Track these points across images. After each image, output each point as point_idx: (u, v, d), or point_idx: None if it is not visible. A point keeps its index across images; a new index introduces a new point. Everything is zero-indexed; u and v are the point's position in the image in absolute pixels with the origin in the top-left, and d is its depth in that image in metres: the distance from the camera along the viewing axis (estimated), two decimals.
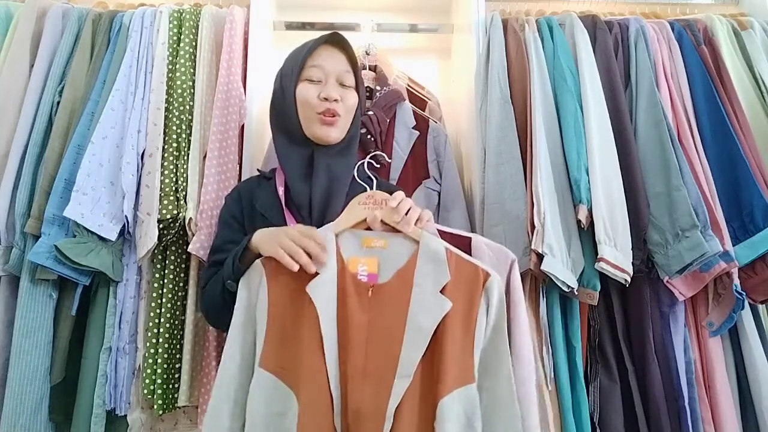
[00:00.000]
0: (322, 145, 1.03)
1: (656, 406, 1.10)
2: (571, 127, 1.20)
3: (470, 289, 0.81)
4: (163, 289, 1.17)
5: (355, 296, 0.82)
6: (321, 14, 1.65)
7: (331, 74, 1.02)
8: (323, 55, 1.03)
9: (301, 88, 1.02)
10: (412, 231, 0.86)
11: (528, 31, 1.34)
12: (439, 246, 0.84)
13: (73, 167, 1.15)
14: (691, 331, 1.18)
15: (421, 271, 0.82)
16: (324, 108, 0.99)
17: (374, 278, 0.85)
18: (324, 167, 1.01)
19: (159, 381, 1.11)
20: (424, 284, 0.81)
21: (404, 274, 0.83)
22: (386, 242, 0.87)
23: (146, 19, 1.32)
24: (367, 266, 0.85)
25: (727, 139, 1.21)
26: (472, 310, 0.81)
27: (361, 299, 0.82)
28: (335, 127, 1.01)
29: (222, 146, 1.23)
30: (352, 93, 1.04)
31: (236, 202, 1.05)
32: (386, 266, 0.86)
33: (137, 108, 1.22)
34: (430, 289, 0.81)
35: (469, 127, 1.42)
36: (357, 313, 0.80)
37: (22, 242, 1.14)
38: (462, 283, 0.82)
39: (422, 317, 0.79)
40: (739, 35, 1.40)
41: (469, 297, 0.81)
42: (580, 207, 1.13)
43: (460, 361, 0.78)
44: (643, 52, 1.30)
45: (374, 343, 0.79)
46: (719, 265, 1.11)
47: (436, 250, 0.84)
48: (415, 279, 0.82)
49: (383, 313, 0.81)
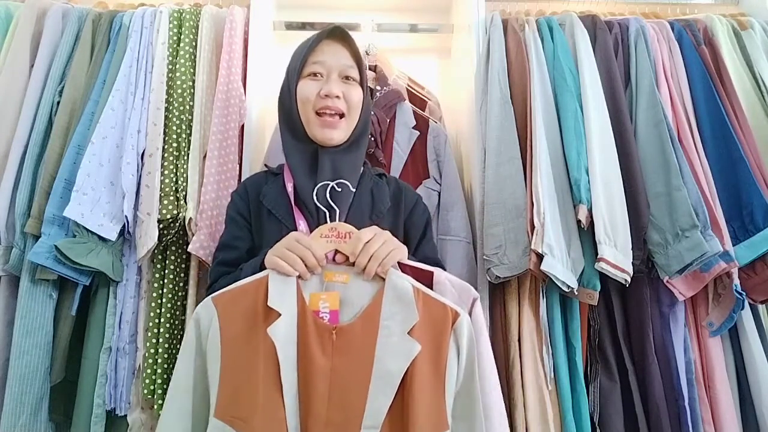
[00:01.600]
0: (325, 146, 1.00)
1: (656, 406, 1.10)
2: (571, 127, 1.20)
3: (439, 331, 0.76)
4: (163, 289, 1.17)
5: (316, 338, 0.75)
6: (321, 14, 1.66)
7: (333, 69, 0.99)
8: (325, 50, 1.00)
9: (302, 85, 0.99)
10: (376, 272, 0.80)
11: (528, 31, 1.34)
12: (406, 284, 0.79)
13: (73, 167, 1.15)
14: (691, 331, 1.18)
15: (388, 311, 0.77)
16: (323, 105, 0.97)
17: (336, 317, 0.78)
18: (329, 165, 0.98)
19: (159, 381, 1.11)
20: (391, 326, 0.75)
21: (369, 314, 0.77)
22: (348, 277, 0.81)
23: (146, 19, 1.32)
24: (328, 303, 0.79)
25: (727, 139, 1.21)
26: (441, 352, 0.75)
27: (324, 342, 0.75)
28: (337, 129, 0.98)
29: (222, 146, 1.23)
30: (356, 88, 1.01)
31: (242, 198, 1.03)
32: (348, 303, 0.80)
33: (137, 108, 1.22)
34: (398, 330, 0.75)
35: (469, 127, 1.42)
36: (319, 358, 0.74)
37: (22, 242, 1.14)
38: (430, 324, 0.76)
39: (389, 361, 0.73)
40: (739, 35, 1.40)
41: (437, 338, 0.76)
42: (580, 207, 1.13)
43: (431, 407, 0.73)
44: (643, 52, 1.30)
45: (338, 390, 0.73)
46: (719, 265, 1.11)
47: (402, 288, 0.78)
48: (382, 320, 0.76)
49: (347, 357, 0.75)
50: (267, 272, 0.80)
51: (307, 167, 0.99)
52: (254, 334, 0.75)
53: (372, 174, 1.07)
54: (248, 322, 0.76)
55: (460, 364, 0.77)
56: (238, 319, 0.76)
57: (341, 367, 0.74)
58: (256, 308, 0.76)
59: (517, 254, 1.14)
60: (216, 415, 0.72)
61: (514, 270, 1.13)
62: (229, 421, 0.72)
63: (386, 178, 1.08)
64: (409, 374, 0.73)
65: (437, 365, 0.75)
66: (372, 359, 0.74)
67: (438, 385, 0.75)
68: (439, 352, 0.76)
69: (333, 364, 0.74)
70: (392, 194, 1.03)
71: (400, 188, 1.07)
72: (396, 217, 1.02)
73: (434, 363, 0.75)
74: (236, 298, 0.78)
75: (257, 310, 0.76)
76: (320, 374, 0.73)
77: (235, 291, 0.79)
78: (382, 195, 1.02)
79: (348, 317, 0.79)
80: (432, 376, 0.75)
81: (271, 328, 0.74)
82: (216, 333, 0.76)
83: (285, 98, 1.03)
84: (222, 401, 0.73)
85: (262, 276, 0.80)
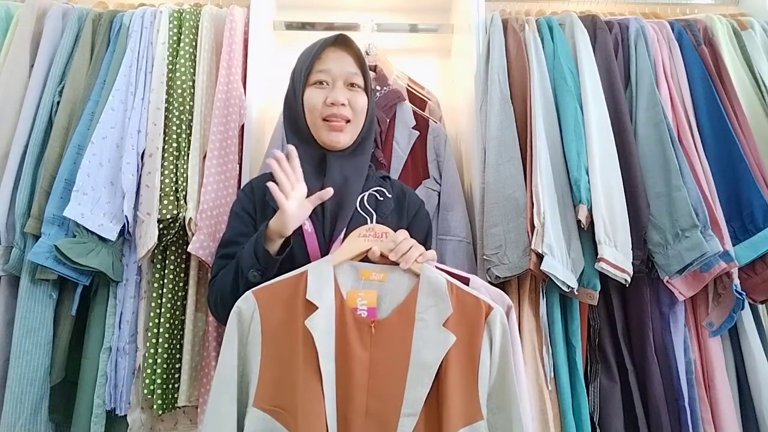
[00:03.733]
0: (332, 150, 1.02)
1: (656, 406, 1.10)
2: (571, 127, 1.20)
3: (472, 323, 0.79)
4: (163, 289, 1.17)
5: (355, 332, 0.79)
6: (321, 14, 1.66)
7: (338, 77, 1.01)
8: (330, 57, 1.02)
9: (308, 93, 1.01)
10: (412, 266, 0.84)
11: (528, 31, 1.34)
12: (440, 278, 0.82)
13: (73, 167, 1.15)
14: (691, 331, 1.18)
15: (423, 304, 0.80)
16: (330, 113, 0.99)
17: (374, 313, 0.82)
18: (337, 169, 1.00)
19: (159, 381, 1.11)
20: (426, 318, 0.79)
21: (405, 308, 0.81)
22: (385, 275, 0.85)
23: (146, 19, 1.32)
24: (366, 300, 0.82)
25: (727, 139, 1.21)
26: (474, 344, 0.78)
27: (362, 335, 0.79)
28: (344, 132, 1.00)
29: (222, 146, 1.23)
30: (361, 94, 1.03)
31: (248, 196, 1.05)
32: (385, 300, 0.83)
33: (137, 108, 1.22)
34: (433, 322, 0.78)
35: (469, 127, 1.42)
36: (358, 350, 0.78)
37: (22, 242, 1.14)
38: (464, 317, 0.79)
39: (426, 352, 0.77)
40: (739, 35, 1.40)
41: (471, 330, 0.79)
42: (580, 207, 1.13)
43: (465, 397, 0.76)
44: (643, 52, 1.30)
45: (377, 380, 0.76)
46: (719, 265, 1.11)
47: (437, 282, 0.81)
48: (417, 313, 0.80)
49: (385, 349, 0.78)
50: (306, 268, 0.84)
51: (313, 170, 1.00)
52: (294, 326, 0.78)
53: (376, 177, 1.09)
54: (288, 315, 0.79)
55: (493, 356, 0.79)
56: (278, 312, 0.80)
57: (380, 359, 0.78)
58: (296, 302, 0.80)
59: (517, 254, 1.14)
60: (255, 405, 0.76)
61: (514, 270, 1.13)
62: (269, 411, 0.75)
63: (390, 181, 1.10)
64: (444, 365, 0.76)
65: (471, 356, 0.78)
66: (409, 351, 0.77)
67: (472, 375, 0.77)
68: (473, 343, 0.78)
69: (371, 356, 0.78)
70: (396, 198, 1.05)
71: (404, 192, 1.09)
72: (399, 220, 1.04)
73: (468, 354, 0.78)
74: (276, 292, 0.82)
75: (297, 303, 0.79)
76: (359, 365, 0.77)
77: (274, 285, 0.83)
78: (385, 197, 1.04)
79: (385, 313, 0.82)
80: (466, 367, 0.77)
81: (309, 320, 0.77)
82: (257, 325, 0.79)
83: (291, 105, 1.05)
84: (262, 391, 0.76)
85: (301, 271, 0.84)
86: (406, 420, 0.74)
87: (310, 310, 0.78)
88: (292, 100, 1.04)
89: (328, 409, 0.74)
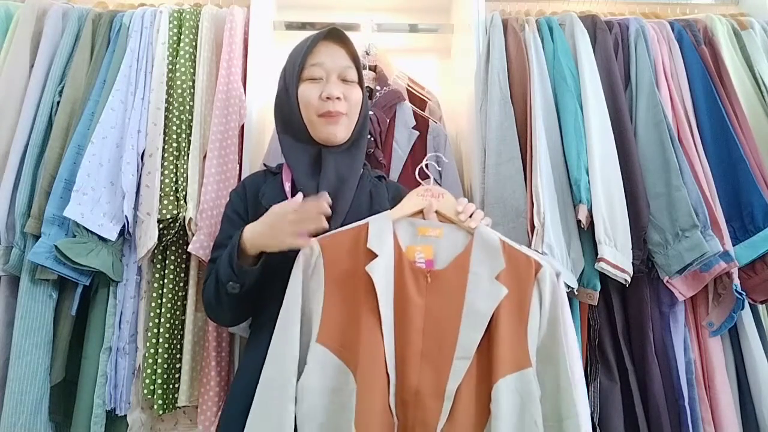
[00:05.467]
0: (328, 145, 1.01)
1: (656, 406, 1.10)
2: (571, 128, 1.20)
3: (523, 278, 0.83)
4: (163, 289, 1.17)
5: (412, 280, 0.84)
6: (321, 14, 1.66)
7: (332, 71, 1.00)
8: (323, 51, 1.01)
9: (302, 88, 1.00)
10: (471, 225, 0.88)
11: (528, 32, 1.34)
12: (493, 236, 0.86)
13: (73, 167, 1.15)
14: (691, 331, 1.18)
15: (477, 258, 0.84)
16: (326, 109, 0.98)
17: (431, 264, 0.86)
18: (332, 166, 0.99)
19: (159, 381, 1.11)
20: (480, 271, 0.83)
21: (460, 261, 0.85)
22: (441, 231, 0.89)
23: (146, 19, 1.32)
24: (423, 254, 0.87)
25: (727, 139, 1.21)
26: (525, 298, 0.82)
27: (419, 284, 0.84)
28: (340, 125, 0.99)
29: (222, 146, 1.23)
30: (355, 88, 1.02)
31: (240, 197, 1.04)
32: (441, 254, 0.88)
33: (137, 108, 1.22)
34: (486, 275, 0.83)
35: (469, 127, 1.42)
36: (414, 297, 0.82)
37: (22, 242, 1.14)
38: (515, 272, 0.83)
39: (479, 302, 0.81)
40: (739, 35, 1.40)
41: (522, 285, 0.83)
42: (580, 207, 1.13)
43: (515, 346, 0.80)
44: (643, 52, 1.30)
45: (432, 325, 0.81)
46: (719, 265, 1.11)
47: (490, 239, 0.86)
48: (471, 266, 0.84)
49: (440, 297, 0.83)
50: (367, 220, 0.88)
51: (308, 168, 1.00)
52: (355, 271, 0.83)
53: (371, 176, 1.08)
54: (350, 261, 0.84)
55: (543, 310, 0.83)
56: (341, 258, 0.85)
57: (435, 306, 0.83)
58: (357, 250, 0.85)
59: None
60: (318, 341, 0.81)
61: None
62: (331, 347, 0.81)
63: (386, 181, 1.09)
64: (495, 315, 0.80)
65: (521, 309, 0.82)
66: (462, 300, 0.82)
67: (521, 327, 0.81)
68: (524, 297, 0.82)
69: (427, 303, 0.83)
70: (392, 198, 1.04)
71: (401, 193, 1.07)
72: None
73: (518, 307, 0.82)
74: (339, 240, 0.87)
75: (358, 251, 0.84)
76: (416, 310, 0.82)
77: (337, 235, 0.88)
78: (380, 197, 1.03)
79: (441, 266, 0.87)
80: (516, 319, 0.81)
81: (369, 266, 0.82)
82: (320, 269, 0.85)
83: (283, 101, 1.04)
84: (324, 329, 0.82)
85: (362, 223, 0.88)
86: (459, 363, 0.78)
87: (370, 257, 0.83)
88: (284, 98, 1.03)
89: (387, 350, 0.79)
